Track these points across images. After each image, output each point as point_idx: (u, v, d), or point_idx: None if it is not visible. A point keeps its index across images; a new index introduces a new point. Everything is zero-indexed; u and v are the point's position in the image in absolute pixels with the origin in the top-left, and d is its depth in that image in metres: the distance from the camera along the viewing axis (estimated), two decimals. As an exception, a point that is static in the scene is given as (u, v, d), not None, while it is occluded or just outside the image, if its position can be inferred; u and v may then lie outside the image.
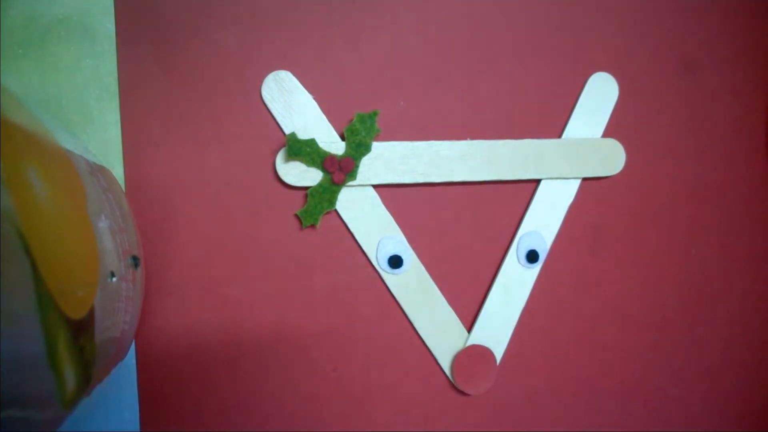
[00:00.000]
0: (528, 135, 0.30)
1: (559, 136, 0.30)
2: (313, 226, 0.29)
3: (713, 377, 0.33)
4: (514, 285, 0.30)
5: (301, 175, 0.28)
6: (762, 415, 0.33)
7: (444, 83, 0.30)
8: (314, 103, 0.28)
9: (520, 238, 0.30)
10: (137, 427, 0.28)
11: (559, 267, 0.31)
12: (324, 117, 0.28)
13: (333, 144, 0.28)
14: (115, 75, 0.28)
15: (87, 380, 0.19)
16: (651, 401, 0.32)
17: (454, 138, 0.29)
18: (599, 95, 0.31)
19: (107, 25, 0.27)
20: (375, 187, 0.29)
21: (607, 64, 0.31)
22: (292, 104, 0.28)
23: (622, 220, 0.32)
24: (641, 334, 0.32)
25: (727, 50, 0.33)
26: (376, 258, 0.29)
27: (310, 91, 0.28)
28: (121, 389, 0.27)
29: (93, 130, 0.27)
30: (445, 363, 0.30)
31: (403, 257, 0.29)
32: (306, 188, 0.28)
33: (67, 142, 0.21)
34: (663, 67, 0.32)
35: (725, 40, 0.33)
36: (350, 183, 0.28)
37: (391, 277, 0.29)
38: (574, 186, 0.30)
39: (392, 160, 0.28)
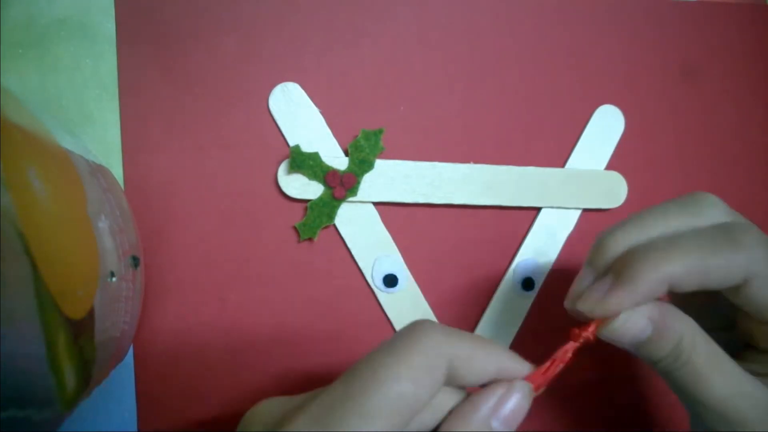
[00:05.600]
0: (531, 162, 0.30)
1: (563, 166, 0.30)
2: (310, 239, 0.28)
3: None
4: (507, 311, 0.30)
5: (302, 187, 0.28)
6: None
7: (451, 106, 0.30)
8: (320, 117, 0.28)
9: (516, 265, 0.30)
10: (135, 428, 0.28)
11: (555, 294, 0.30)
12: (329, 131, 0.28)
13: (336, 159, 0.28)
14: (115, 75, 0.27)
15: (87, 380, 0.19)
16: None
17: (458, 161, 0.29)
18: (605, 127, 0.31)
19: (107, 25, 0.27)
20: (375, 204, 0.29)
21: (615, 97, 0.31)
22: (299, 117, 0.28)
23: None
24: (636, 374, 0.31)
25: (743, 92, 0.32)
26: (372, 275, 0.29)
27: (315, 102, 0.28)
28: (119, 390, 0.27)
29: (93, 130, 0.27)
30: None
31: (398, 276, 0.29)
32: (306, 201, 0.28)
33: (67, 142, 0.21)
34: (669, 101, 0.32)
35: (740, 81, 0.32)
36: (351, 199, 0.28)
37: (384, 296, 0.29)
38: (574, 216, 0.30)
39: (394, 178, 0.28)
